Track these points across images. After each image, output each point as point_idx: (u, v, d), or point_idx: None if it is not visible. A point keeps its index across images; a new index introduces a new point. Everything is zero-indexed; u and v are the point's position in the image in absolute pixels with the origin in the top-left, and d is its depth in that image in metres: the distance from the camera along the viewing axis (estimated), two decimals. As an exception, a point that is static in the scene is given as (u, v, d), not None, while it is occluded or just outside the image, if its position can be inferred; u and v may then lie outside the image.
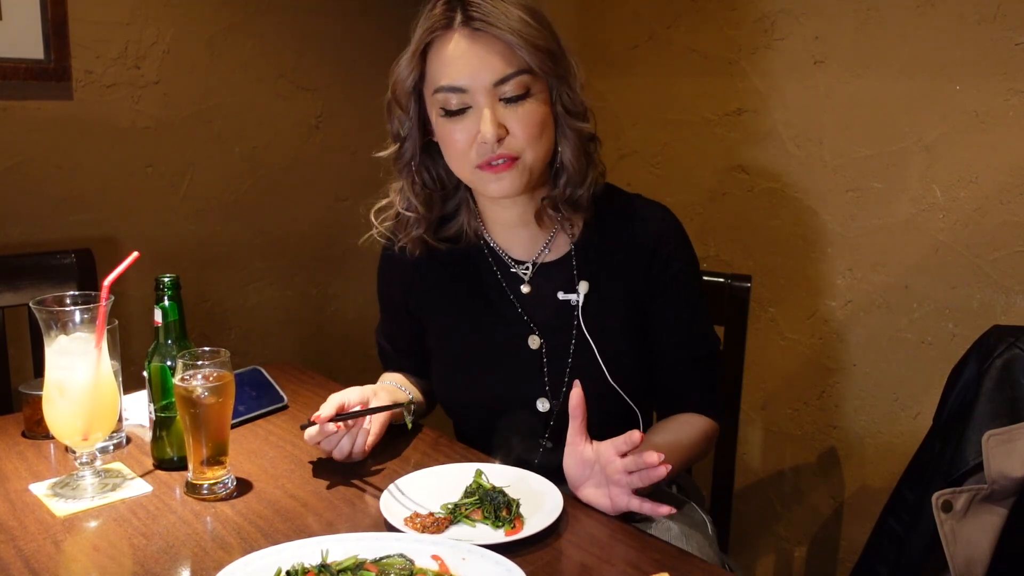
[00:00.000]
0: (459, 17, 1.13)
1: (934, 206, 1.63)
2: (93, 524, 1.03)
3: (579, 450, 1.07)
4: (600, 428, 1.21)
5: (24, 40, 1.97)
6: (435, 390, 1.37)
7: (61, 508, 1.06)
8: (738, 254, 1.94)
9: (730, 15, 1.89)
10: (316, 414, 1.13)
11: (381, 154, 1.30)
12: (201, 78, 2.27)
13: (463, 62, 1.14)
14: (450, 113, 1.16)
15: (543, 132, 1.17)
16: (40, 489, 1.11)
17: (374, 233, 1.33)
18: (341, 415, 1.14)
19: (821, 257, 1.81)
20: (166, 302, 1.15)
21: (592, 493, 1.07)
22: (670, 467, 1.00)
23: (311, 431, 1.14)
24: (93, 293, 1.12)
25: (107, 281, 1.11)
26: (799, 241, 1.84)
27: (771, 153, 1.87)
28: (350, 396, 1.18)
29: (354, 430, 1.17)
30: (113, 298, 1.11)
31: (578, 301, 1.25)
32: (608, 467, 1.04)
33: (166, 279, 1.15)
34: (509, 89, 1.13)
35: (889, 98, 1.67)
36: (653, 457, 1.00)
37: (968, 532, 1.12)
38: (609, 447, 1.04)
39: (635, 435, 1.01)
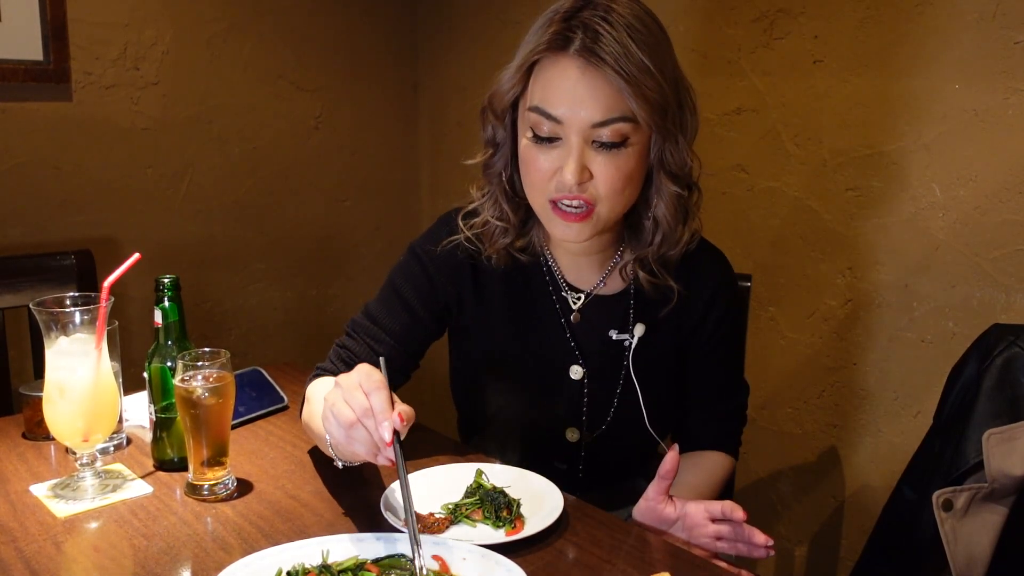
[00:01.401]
0: (578, 43, 1.03)
1: (934, 205, 1.63)
2: (94, 525, 1.03)
3: (659, 508, 1.07)
4: (623, 465, 1.22)
5: (23, 41, 1.97)
6: (457, 399, 1.36)
7: (62, 509, 1.06)
8: (738, 254, 1.94)
9: (729, 14, 1.89)
10: (387, 437, 0.89)
11: (471, 161, 1.23)
12: (201, 78, 2.27)
13: (567, 92, 1.05)
14: (539, 138, 1.09)
15: (627, 186, 1.09)
16: (40, 490, 1.11)
17: (460, 239, 1.23)
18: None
19: (821, 256, 1.81)
20: (166, 303, 1.15)
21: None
22: (773, 552, 1.01)
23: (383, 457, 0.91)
24: (93, 294, 1.12)
25: (107, 282, 1.11)
26: (799, 240, 1.84)
27: (771, 152, 1.87)
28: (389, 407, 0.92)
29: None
30: (113, 299, 1.11)
31: (631, 343, 1.23)
32: (695, 529, 1.04)
33: (166, 280, 1.15)
34: (606, 134, 1.05)
35: (888, 97, 1.67)
36: (761, 538, 1.00)
37: (968, 531, 1.12)
38: (701, 511, 1.04)
39: (739, 512, 1.02)
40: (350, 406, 0.90)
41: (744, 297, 1.53)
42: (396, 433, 0.89)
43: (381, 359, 0.97)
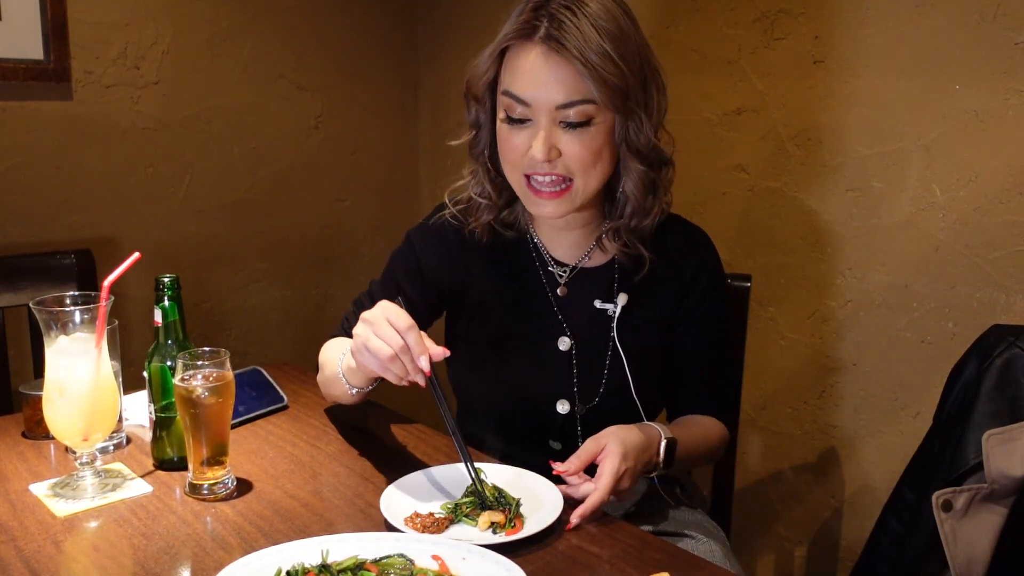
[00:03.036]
0: (542, 31, 1.12)
1: (934, 205, 1.63)
2: (93, 524, 1.03)
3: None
4: None
5: (24, 41, 1.97)
6: (453, 380, 1.38)
7: (61, 508, 1.06)
8: (738, 254, 1.94)
9: (730, 15, 1.89)
10: (424, 366, 1.02)
11: (455, 142, 1.30)
12: (201, 78, 2.27)
13: (533, 77, 1.13)
14: (512, 120, 1.17)
15: (596, 162, 1.16)
16: (40, 489, 1.11)
17: (446, 215, 1.31)
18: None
19: (821, 257, 1.81)
20: (166, 302, 1.15)
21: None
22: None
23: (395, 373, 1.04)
24: (93, 293, 1.12)
25: (107, 281, 1.11)
26: (799, 241, 1.84)
27: (771, 153, 1.87)
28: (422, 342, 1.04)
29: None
30: (113, 298, 1.11)
31: (615, 312, 1.26)
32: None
33: (166, 279, 1.15)
34: (571, 114, 1.13)
35: (889, 98, 1.67)
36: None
37: (968, 531, 1.12)
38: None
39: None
40: (386, 342, 1.02)
41: (744, 297, 1.53)
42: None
43: (399, 297, 1.08)
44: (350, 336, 1.26)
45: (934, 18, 1.59)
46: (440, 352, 1.03)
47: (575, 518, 1.02)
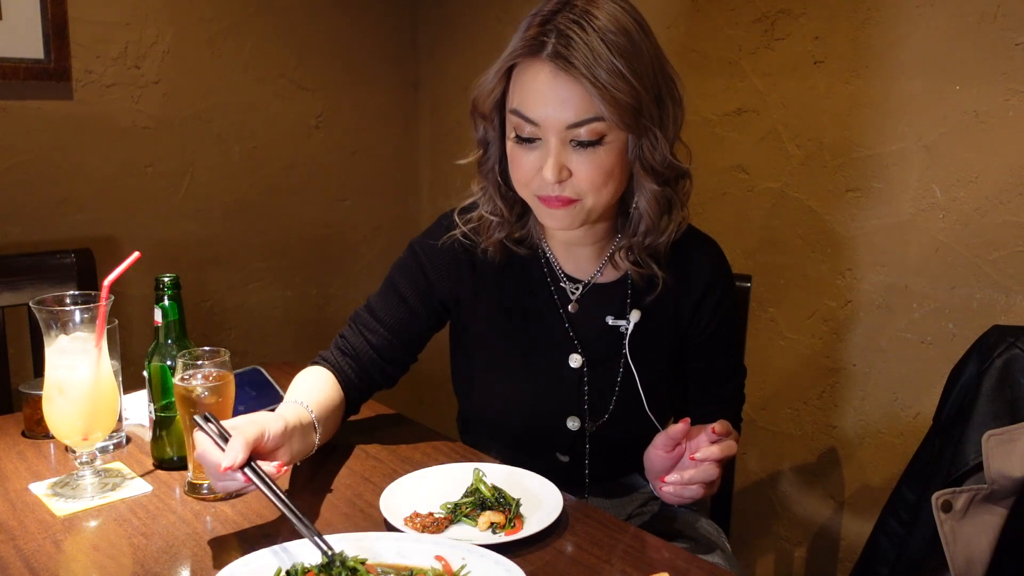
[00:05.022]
0: (550, 48, 1.07)
1: (934, 206, 1.63)
2: (93, 524, 1.03)
3: (668, 431, 1.09)
4: (627, 450, 1.22)
5: (24, 40, 1.97)
6: (459, 392, 1.37)
7: (61, 508, 1.06)
8: (738, 254, 1.94)
9: (730, 15, 1.89)
10: (227, 464, 0.95)
11: (463, 161, 1.27)
12: (201, 78, 2.27)
13: (541, 96, 1.09)
14: (521, 139, 1.13)
15: (608, 181, 1.12)
16: (40, 489, 1.11)
17: (457, 234, 1.27)
18: (257, 471, 0.97)
19: (821, 257, 1.81)
20: (166, 302, 1.15)
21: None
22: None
23: (225, 484, 1.00)
24: (93, 293, 1.12)
25: (107, 281, 1.11)
26: (799, 241, 1.84)
27: (771, 153, 1.87)
28: (251, 431, 0.99)
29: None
30: (113, 298, 1.11)
31: (627, 329, 1.24)
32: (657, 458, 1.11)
33: (166, 279, 1.15)
34: (583, 133, 1.08)
35: (889, 98, 1.67)
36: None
37: (968, 532, 1.12)
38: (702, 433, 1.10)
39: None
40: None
41: (744, 297, 1.53)
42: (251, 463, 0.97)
43: (207, 423, 1.01)
44: (342, 352, 1.30)
45: (934, 18, 1.59)
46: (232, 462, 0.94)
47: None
